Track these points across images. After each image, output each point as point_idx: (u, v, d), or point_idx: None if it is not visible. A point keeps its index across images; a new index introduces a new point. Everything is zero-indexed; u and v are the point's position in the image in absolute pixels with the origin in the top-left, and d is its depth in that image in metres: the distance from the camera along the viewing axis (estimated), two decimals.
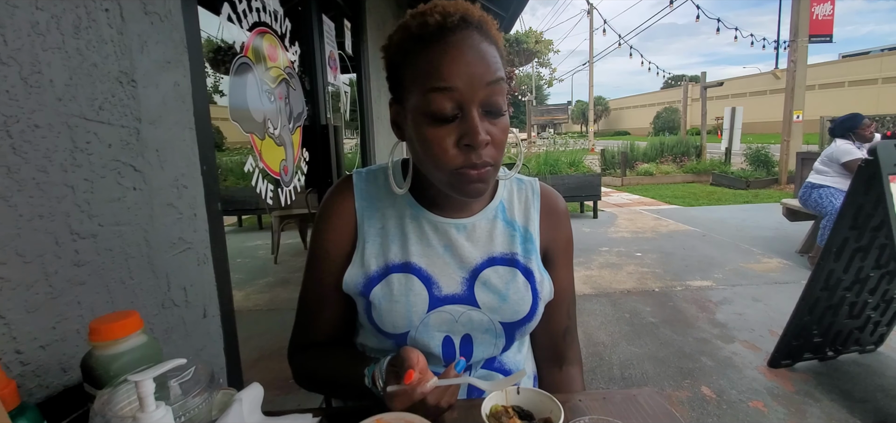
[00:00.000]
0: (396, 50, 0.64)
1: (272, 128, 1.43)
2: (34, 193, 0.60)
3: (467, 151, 0.60)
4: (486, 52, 0.60)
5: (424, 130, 0.61)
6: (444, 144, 0.60)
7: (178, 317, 0.86)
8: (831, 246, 1.85)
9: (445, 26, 0.59)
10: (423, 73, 0.60)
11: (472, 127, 0.59)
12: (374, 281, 0.69)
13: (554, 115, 23.23)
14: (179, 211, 0.87)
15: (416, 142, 0.63)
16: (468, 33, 0.60)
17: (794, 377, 2.14)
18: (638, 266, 3.93)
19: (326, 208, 0.74)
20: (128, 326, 0.53)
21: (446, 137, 0.60)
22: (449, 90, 0.58)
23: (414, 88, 0.61)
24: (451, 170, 0.62)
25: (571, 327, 0.84)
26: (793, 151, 7.77)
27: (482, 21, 0.62)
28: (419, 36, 0.60)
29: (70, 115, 0.66)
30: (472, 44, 0.60)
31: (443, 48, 0.59)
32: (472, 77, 0.58)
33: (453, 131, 0.60)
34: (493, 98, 0.60)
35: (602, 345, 2.56)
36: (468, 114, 0.59)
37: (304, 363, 0.74)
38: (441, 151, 0.60)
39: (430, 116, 0.60)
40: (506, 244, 0.74)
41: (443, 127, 0.60)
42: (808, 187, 3.69)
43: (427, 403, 0.56)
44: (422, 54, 0.60)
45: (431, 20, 0.59)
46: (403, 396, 0.55)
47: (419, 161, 0.67)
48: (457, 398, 0.60)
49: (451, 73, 0.58)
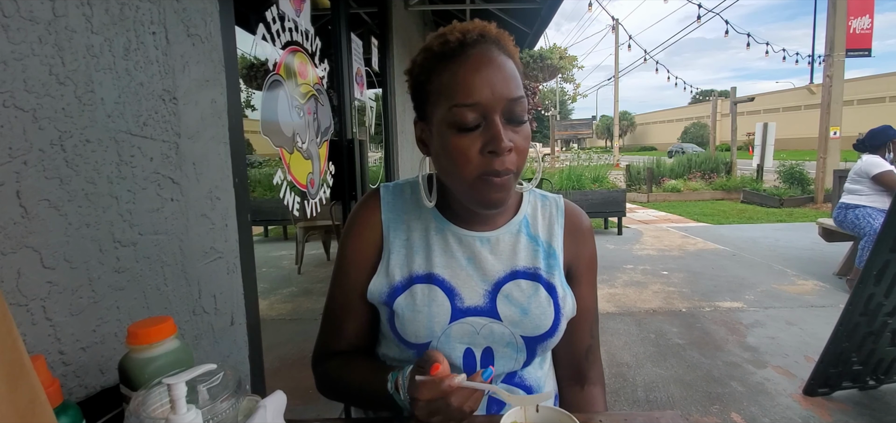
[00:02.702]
0: (420, 70, 0.67)
1: (300, 142, 1.48)
2: (83, 203, 0.64)
3: (491, 158, 0.62)
4: (506, 66, 0.64)
5: (449, 139, 0.63)
6: (469, 151, 0.63)
7: (208, 324, 0.90)
8: (871, 269, 1.76)
9: (465, 42, 0.63)
10: (446, 87, 0.63)
11: (495, 133, 0.61)
12: (397, 291, 0.71)
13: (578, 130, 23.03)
14: (212, 221, 0.90)
15: (441, 153, 0.66)
16: (487, 48, 0.64)
17: (832, 406, 2.03)
18: (664, 285, 3.83)
19: (354, 220, 0.77)
20: (162, 331, 0.56)
21: (470, 145, 0.62)
22: (472, 101, 0.61)
23: (438, 103, 0.64)
24: (474, 177, 0.64)
25: (594, 346, 0.83)
26: (829, 168, 7.46)
27: (499, 37, 0.66)
28: (441, 53, 0.64)
29: (118, 130, 0.70)
30: (492, 57, 0.63)
31: (464, 62, 0.63)
32: (494, 88, 0.62)
33: (477, 139, 0.63)
34: (514, 107, 0.63)
35: (626, 366, 2.50)
36: (491, 122, 0.62)
37: (328, 372, 0.76)
38: (465, 158, 0.63)
39: (455, 127, 0.63)
40: (529, 259, 0.75)
41: (467, 136, 0.63)
42: (843, 208, 3.53)
43: (451, 403, 0.57)
44: (445, 70, 0.64)
45: (452, 38, 0.63)
46: (430, 386, 0.57)
47: (444, 173, 0.69)
48: (478, 406, 0.60)
49: (473, 84, 0.61)
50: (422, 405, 0.57)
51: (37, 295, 0.58)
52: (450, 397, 0.57)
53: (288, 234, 6.57)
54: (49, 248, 0.59)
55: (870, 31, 8.62)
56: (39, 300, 0.58)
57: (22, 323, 0.56)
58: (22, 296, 0.57)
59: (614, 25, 18.45)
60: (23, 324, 0.56)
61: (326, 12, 2.04)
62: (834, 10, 8.04)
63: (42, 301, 0.59)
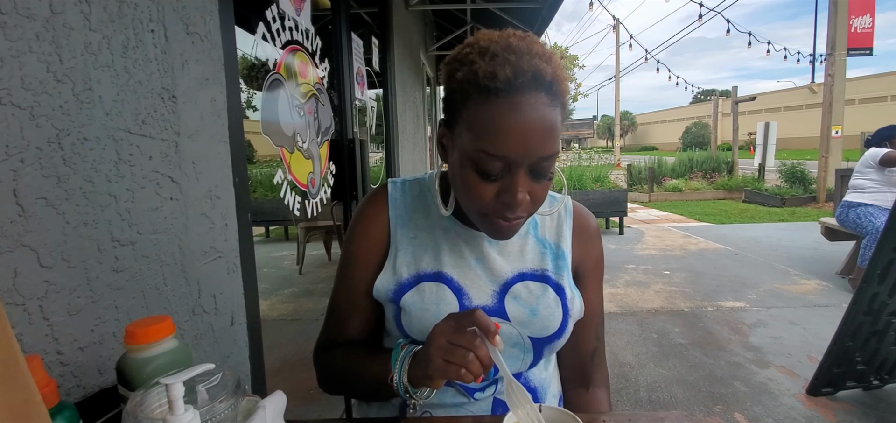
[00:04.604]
0: (458, 86, 0.60)
1: (301, 141, 1.48)
2: (81, 202, 0.64)
3: (503, 207, 0.60)
4: (548, 119, 0.57)
5: (467, 175, 0.61)
6: (483, 193, 0.60)
7: (207, 324, 0.89)
8: (875, 268, 1.75)
9: (514, 85, 0.55)
10: (479, 126, 0.57)
11: (513, 189, 0.58)
12: (405, 288, 0.70)
13: (579, 130, 23.01)
14: (212, 221, 0.90)
15: (457, 177, 0.64)
16: (536, 97, 0.56)
17: (836, 406, 2.02)
18: (666, 285, 3.81)
19: (361, 216, 0.76)
20: (161, 330, 0.55)
21: (487, 189, 0.60)
22: (501, 154, 0.57)
23: (466, 133, 0.59)
24: (484, 215, 0.63)
25: (599, 349, 0.83)
26: (831, 167, 7.44)
27: (555, 81, 0.57)
28: (485, 87, 0.56)
29: (116, 129, 0.69)
30: (537, 110, 0.56)
31: (505, 107, 0.55)
32: (527, 147, 0.56)
33: (495, 187, 0.60)
34: (542, 163, 0.59)
35: (628, 366, 2.49)
36: (513, 174, 0.59)
37: (328, 361, 0.76)
38: (479, 197, 0.61)
39: (476, 168, 0.59)
40: (536, 261, 0.75)
41: (486, 182, 0.60)
42: (845, 207, 3.52)
43: (472, 340, 0.56)
44: (483, 106, 0.57)
45: (501, 74, 0.55)
46: (456, 316, 0.59)
47: (456, 192, 0.67)
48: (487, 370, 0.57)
49: (506, 141, 0.56)
50: (443, 340, 0.57)
51: (34, 294, 0.58)
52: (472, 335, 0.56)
53: (289, 234, 6.57)
54: (46, 247, 0.59)
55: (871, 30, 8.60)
56: (37, 300, 0.58)
57: (19, 323, 0.56)
58: (19, 295, 0.56)
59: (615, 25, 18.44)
60: (20, 324, 0.56)
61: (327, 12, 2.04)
62: (835, 9, 8.02)
63: (39, 301, 0.58)
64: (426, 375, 0.58)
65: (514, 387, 0.58)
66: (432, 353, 0.57)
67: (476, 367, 0.55)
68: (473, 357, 0.55)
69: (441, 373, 0.56)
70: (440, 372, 0.56)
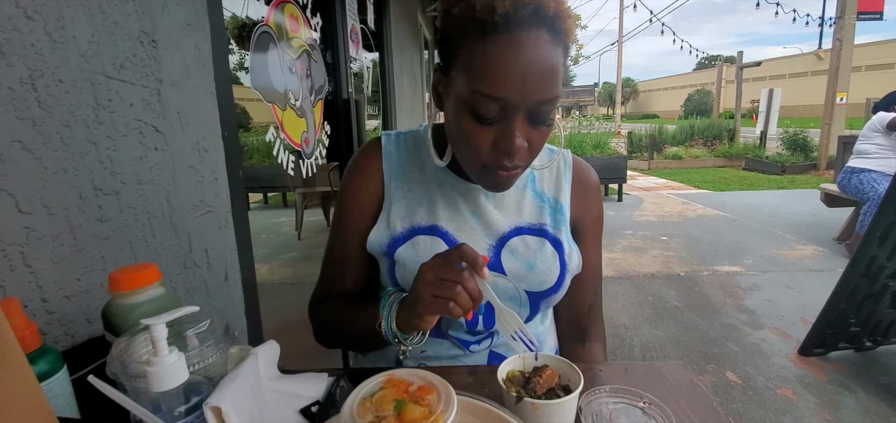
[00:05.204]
0: (454, 25, 0.56)
1: (294, 99, 1.44)
2: (59, 147, 0.61)
3: (500, 154, 0.58)
4: (549, 58, 0.53)
5: (463, 121, 0.58)
6: (479, 140, 0.58)
7: (200, 278, 0.88)
8: (875, 231, 1.74)
9: (513, 19, 0.51)
10: (476, 66, 0.54)
11: (510, 135, 0.56)
12: (399, 241, 0.69)
13: (580, 97, 22.66)
14: (201, 174, 0.88)
15: (453, 127, 0.61)
16: (536, 34, 0.52)
17: (827, 366, 2.06)
18: (663, 250, 3.83)
19: (353, 169, 0.74)
20: (146, 277, 0.54)
21: (483, 134, 0.57)
22: (497, 95, 0.54)
23: (462, 76, 0.56)
24: (480, 165, 0.60)
25: (597, 305, 0.82)
26: (834, 135, 7.37)
27: (557, 16, 0.54)
28: (482, 22, 0.53)
29: (93, 72, 0.66)
30: (537, 50, 0.52)
31: (503, 44, 0.52)
32: (526, 89, 0.53)
33: (491, 132, 0.57)
34: (542, 109, 0.56)
35: (623, 327, 2.52)
36: (511, 119, 0.56)
37: (322, 313, 0.75)
38: (474, 147, 0.58)
39: (471, 112, 0.57)
40: (534, 215, 0.73)
41: (482, 126, 0.57)
42: (848, 172, 3.50)
43: (462, 274, 0.54)
44: (479, 44, 0.53)
45: (500, 7, 0.51)
46: (446, 252, 0.56)
47: (451, 142, 0.65)
48: (477, 304, 0.56)
49: (504, 82, 0.53)
50: (430, 276, 0.55)
51: (14, 240, 0.56)
52: (461, 268, 0.54)
53: (287, 201, 6.55)
54: (24, 192, 0.57)
55: None
56: (17, 246, 0.56)
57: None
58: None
59: None
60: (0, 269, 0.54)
61: None
62: None
63: (20, 247, 0.56)
64: (414, 313, 0.57)
65: (505, 313, 0.57)
66: (420, 289, 0.56)
67: (464, 300, 0.53)
68: (462, 289, 0.53)
69: (429, 308, 0.55)
70: (428, 307, 0.55)
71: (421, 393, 0.43)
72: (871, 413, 1.74)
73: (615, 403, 0.57)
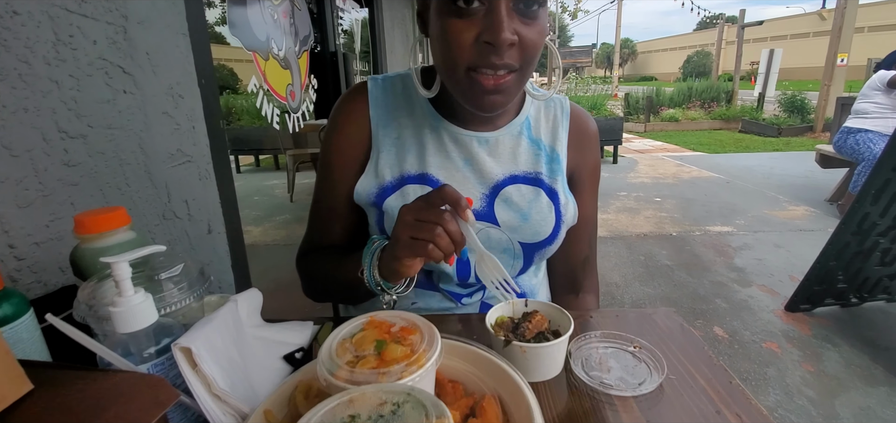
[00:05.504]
0: None
1: (276, 48, 1.37)
2: (17, 84, 0.57)
3: (486, 51, 0.53)
4: None
5: (445, 23, 0.54)
6: (462, 37, 0.53)
7: (181, 230, 0.85)
8: (870, 188, 1.74)
9: None
10: None
11: (496, 21, 0.51)
12: (388, 191, 0.66)
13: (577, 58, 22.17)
14: (176, 121, 0.83)
15: (435, 36, 0.57)
16: None
17: (812, 321, 2.10)
18: (656, 211, 3.84)
19: (338, 116, 0.70)
20: (113, 220, 0.51)
21: (465, 29, 0.53)
22: None
23: None
24: (464, 70, 0.55)
25: (591, 257, 0.80)
26: (833, 96, 7.29)
27: None
28: None
29: (51, 4, 0.61)
30: None
31: None
32: None
33: (475, 25, 0.53)
34: None
35: (614, 285, 2.55)
36: (495, 5, 0.51)
37: (308, 266, 0.73)
38: (457, 45, 0.53)
39: (450, 5, 0.52)
40: (530, 163, 0.70)
41: (464, 19, 0.52)
42: (845, 132, 3.47)
43: (442, 215, 0.50)
44: None
45: None
46: (426, 194, 0.53)
47: (437, 63, 0.61)
48: (459, 248, 0.53)
49: None
50: (409, 216, 0.52)
51: None
52: (442, 210, 0.50)
53: (279, 163, 6.46)
54: None
55: None
56: None
57: None
58: None
59: None
60: None
61: None
62: None
63: None
64: (394, 257, 0.54)
65: (487, 259, 0.55)
66: (398, 230, 0.53)
67: (445, 242, 0.51)
68: (442, 231, 0.50)
69: (408, 250, 0.52)
70: (407, 249, 0.52)
71: (403, 333, 0.42)
72: (853, 365, 1.79)
73: (605, 347, 0.56)
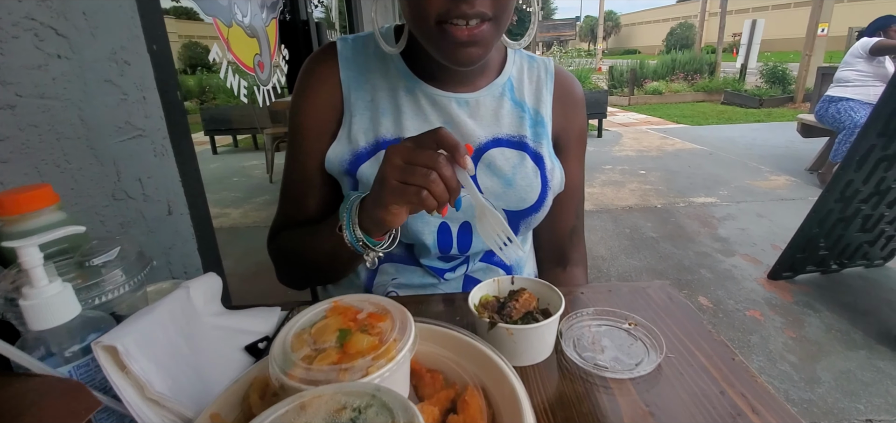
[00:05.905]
0: None
1: (241, 15, 1.27)
2: None
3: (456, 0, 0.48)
4: None
5: None
6: None
7: (136, 211, 0.78)
8: (854, 154, 1.73)
9: None
10: None
11: None
12: (362, 158, 0.60)
13: (561, 31, 21.97)
14: (123, 91, 0.75)
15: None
16: None
17: (794, 288, 2.12)
18: (641, 184, 3.84)
19: (306, 79, 0.63)
20: (37, 199, 0.44)
21: None
22: None
23: None
24: (434, 21, 0.50)
25: (579, 228, 0.76)
26: (813, 67, 7.36)
27: None
28: None
29: None
30: None
31: None
32: None
33: None
34: None
35: (600, 258, 2.54)
36: None
37: (280, 245, 0.67)
38: None
39: None
40: (514, 126, 0.65)
41: None
42: (826, 101, 3.50)
43: (434, 157, 0.44)
44: None
45: None
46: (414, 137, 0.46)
47: (406, 17, 0.55)
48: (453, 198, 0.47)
49: None
50: (398, 159, 0.45)
51: None
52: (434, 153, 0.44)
53: (258, 143, 6.28)
54: None
55: None
56: None
57: None
58: None
59: None
60: None
61: None
62: None
63: None
64: (379, 203, 0.47)
65: (487, 212, 0.49)
66: (386, 173, 0.46)
67: (439, 188, 0.44)
68: (436, 176, 0.44)
69: (396, 196, 0.46)
70: (396, 195, 0.46)
71: (371, 321, 0.36)
72: (833, 330, 1.82)
73: (599, 325, 0.52)
